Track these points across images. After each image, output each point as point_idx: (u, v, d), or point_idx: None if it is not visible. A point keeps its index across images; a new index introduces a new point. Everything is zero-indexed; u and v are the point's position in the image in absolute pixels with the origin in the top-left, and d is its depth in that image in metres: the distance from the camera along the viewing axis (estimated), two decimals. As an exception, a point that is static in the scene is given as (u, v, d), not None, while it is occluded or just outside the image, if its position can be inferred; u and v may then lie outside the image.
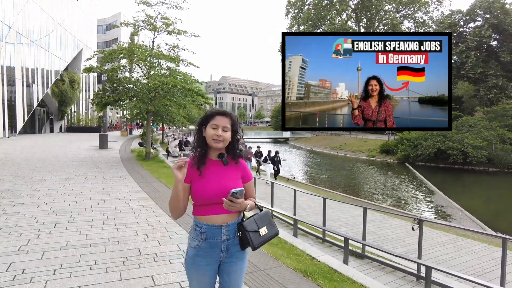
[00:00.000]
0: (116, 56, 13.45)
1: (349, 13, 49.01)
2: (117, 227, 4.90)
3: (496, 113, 30.06)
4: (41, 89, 31.76)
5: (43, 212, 5.56)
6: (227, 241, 1.82)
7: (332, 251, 6.11)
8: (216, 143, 1.80)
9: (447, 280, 4.86)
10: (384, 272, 5.23)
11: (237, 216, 1.87)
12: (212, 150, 1.87)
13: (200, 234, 1.81)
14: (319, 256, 3.96)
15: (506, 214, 15.25)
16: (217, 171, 1.84)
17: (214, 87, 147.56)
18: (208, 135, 1.82)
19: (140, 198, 6.91)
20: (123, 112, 36.15)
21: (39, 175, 9.32)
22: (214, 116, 1.84)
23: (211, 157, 1.87)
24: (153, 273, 3.36)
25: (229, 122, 1.85)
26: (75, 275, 3.25)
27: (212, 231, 1.80)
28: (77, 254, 3.77)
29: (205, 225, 1.80)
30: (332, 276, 3.51)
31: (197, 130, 1.91)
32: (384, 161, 31.21)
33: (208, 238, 1.80)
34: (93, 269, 3.41)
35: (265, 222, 1.86)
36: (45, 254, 3.73)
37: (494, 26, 37.41)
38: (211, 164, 1.85)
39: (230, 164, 1.87)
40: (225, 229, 1.81)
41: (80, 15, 42.24)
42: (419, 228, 4.78)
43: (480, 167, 25.25)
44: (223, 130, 1.81)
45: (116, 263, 3.59)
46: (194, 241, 1.83)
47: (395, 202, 15.97)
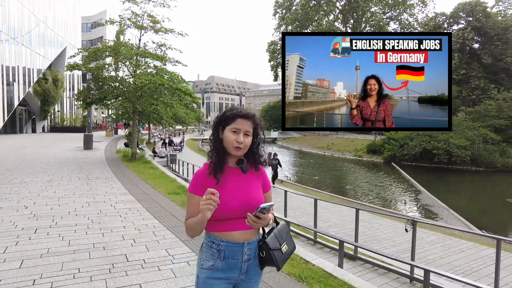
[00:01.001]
0: (101, 54, 13.10)
1: (336, 14, 49.40)
2: (102, 231, 4.69)
3: (479, 113, 30.83)
4: (22, 87, 30.78)
5: (22, 216, 5.28)
6: (247, 261, 1.59)
7: (324, 253, 6.04)
8: (237, 150, 1.57)
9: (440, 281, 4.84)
10: (377, 274, 5.18)
11: (258, 233, 1.65)
12: (230, 156, 1.63)
13: (216, 253, 1.56)
14: (313, 260, 3.86)
15: (489, 212, 15.60)
16: (236, 181, 1.60)
17: (201, 86, 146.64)
18: (228, 140, 1.57)
19: (126, 201, 6.68)
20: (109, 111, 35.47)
21: (19, 177, 8.94)
22: (236, 118, 1.59)
23: (228, 164, 1.63)
24: (141, 281, 3.19)
25: (252, 125, 1.61)
26: (57, 285, 3.05)
27: (232, 249, 1.56)
28: (59, 262, 3.55)
29: (224, 242, 1.56)
30: (327, 280, 3.41)
31: (213, 131, 1.66)
32: (371, 160, 31.57)
33: (226, 258, 1.56)
34: (76, 277, 3.21)
35: (284, 237, 1.66)
36: (24, 263, 3.50)
37: (477, 28, 38.36)
38: (229, 172, 1.61)
39: (250, 171, 1.65)
40: (247, 248, 1.58)
41: (63, 12, 41.21)
42: (413, 229, 4.74)
43: (463, 166, 25.82)
44: (245, 135, 1.58)
45: (102, 270, 3.40)
46: (209, 261, 1.57)
47: (383, 202, 16.10)
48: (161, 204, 6.47)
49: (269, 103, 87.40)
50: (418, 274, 4.65)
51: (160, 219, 5.39)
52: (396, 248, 7.95)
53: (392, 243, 8.31)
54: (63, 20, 41.24)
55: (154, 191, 7.87)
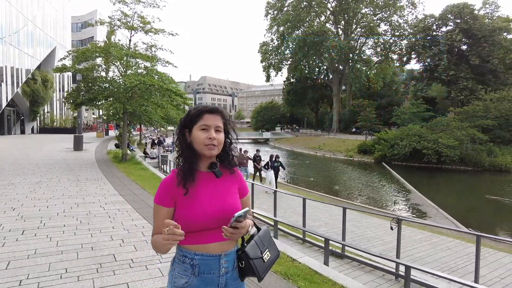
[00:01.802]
0: (90, 54, 13.02)
1: (328, 15, 49.78)
2: (91, 232, 4.69)
3: (467, 114, 31.38)
4: (10, 88, 30.32)
5: (10, 218, 5.24)
6: (225, 274, 1.42)
7: (312, 251, 6.12)
8: (210, 149, 1.40)
9: (425, 278, 4.96)
10: (364, 271, 5.27)
11: (236, 243, 1.49)
12: (201, 160, 1.46)
13: (190, 268, 1.39)
14: (300, 258, 3.93)
15: (476, 211, 15.90)
16: (209, 188, 1.44)
17: (193, 87, 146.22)
18: (198, 140, 1.41)
19: (116, 202, 6.67)
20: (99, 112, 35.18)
21: (7, 179, 8.84)
22: (202, 114, 1.43)
23: (201, 169, 1.46)
24: (129, 280, 3.22)
25: (221, 120, 1.47)
26: (44, 285, 3.06)
27: (207, 262, 1.39)
28: (46, 263, 3.56)
29: (198, 256, 1.39)
30: (313, 277, 3.48)
31: (178, 136, 1.49)
32: (362, 160, 31.85)
33: (201, 273, 1.39)
34: (63, 278, 3.23)
35: (267, 244, 1.50)
36: (10, 264, 3.49)
37: (464, 30, 39.04)
38: (201, 179, 1.44)
39: (224, 175, 1.49)
40: (224, 259, 1.41)
41: (53, 11, 40.73)
42: (398, 227, 4.85)
43: (452, 166, 26.24)
44: (217, 131, 1.43)
45: (89, 270, 3.42)
46: (182, 278, 1.39)
47: (374, 202, 16.28)
48: (150, 205, 6.48)
49: (261, 104, 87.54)
50: (403, 271, 4.76)
51: (149, 220, 5.41)
52: (384, 246, 8.07)
53: (381, 242, 8.43)
54: (53, 19, 40.77)
55: (144, 192, 7.87)
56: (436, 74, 40.54)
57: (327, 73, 57.07)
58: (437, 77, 40.81)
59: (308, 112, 72.03)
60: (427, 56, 41.32)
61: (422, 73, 44.77)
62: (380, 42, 48.65)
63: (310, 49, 46.33)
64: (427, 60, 42.23)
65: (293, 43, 47.97)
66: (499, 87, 36.71)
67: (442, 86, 42.61)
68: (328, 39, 44.17)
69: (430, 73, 42.54)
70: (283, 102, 74.15)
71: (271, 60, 52.32)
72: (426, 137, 27.49)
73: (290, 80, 61.48)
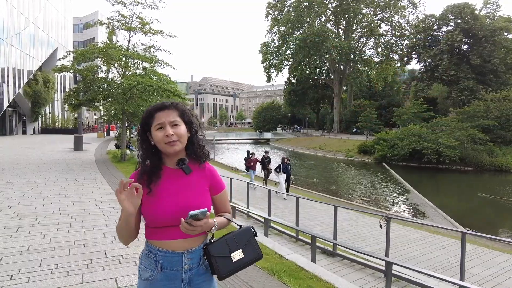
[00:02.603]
0: (90, 55, 13.14)
1: (328, 16, 49.79)
2: (84, 229, 4.78)
3: (468, 114, 31.34)
4: (12, 89, 30.56)
5: (5, 216, 5.34)
6: (189, 271, 1.43)
7: (304, 250, 6.18)
8: (171, 145, 1.39)
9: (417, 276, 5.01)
10: (354, 269, 5.33)
11: (203, 240, 1.48)
12: (168, 157, 1.46)
13: (154, 263, 1.41)
14: (288, 255, 4.00)
15: (476, 211, 15.89)
16: (175, 184, 1.43)
17: (195, 87, 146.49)
18: (157, 140, 1.40)
19: (111, 200, 6.76)
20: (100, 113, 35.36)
21: (6, 178, 8.95)
22: (153, 114, 1.43)
23: (168, 165, 1.46)
24: (117, 275, 3.30)
25: (177, 113, 1.44)
26: (34, 279, 3.14)
27: (169, 259, 1.40)
28: (38, 259, 3.64)
29: (161, 252, 1.40)
30: (299, 274, 3.54)
31: (140, 142, 1.48)
32: (362, 161, 31.84)
33: (164, 268, 1.40)
34: (54, 273, 3.31)
35: (242, 244, 1.45)
36: (3, 260, 3.58)
37: (465, 30, 38.96)
38: (168, 175, 1.44)
39: (194, 171, 1.47)
40: (187, 257, 1.42)
41: (54, 13, 41.00)
42: (387, 225, 4.91)
43: (452, 166, 26.20)
44: (173, 126, 1.41)
45: (79, 266, 3.50)
46: (146, 271, 1.42)
47: (372, 201, 16.30)
48: (145, 204, 6.55)
49: (262, 104, 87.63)
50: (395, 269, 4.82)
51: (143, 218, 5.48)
52: (379, 245, 8.11)
53: (376, 241, 8.47)
54: (54, 20, 41.03)
55: (140, 191, 7.94)
56: (436, 74, 40.48)
57: (328, 74, 57.06)
58: (438, 77, 40.76)
59: (309, 112, 72.04)
60: (427, 56, 41.25)
61: (422, 73, 44.70)
62: (381, 42, 48.60)
63: (311, 49, 46.35)
64: (428, 60, 42.16)
65: (293, 44, 48.01)
66: (500, 87, 36.65)
67: (443, 86, 42.55)
68: (329, 39, 44.18)
69: (430, 73, 42.48)
70: (284, 103, 74.23)
71: (272, 61, 52.34)
72: (426, 137, 27.48)
73: (291, 81, 61.51)
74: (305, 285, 3.26)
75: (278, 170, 13.49)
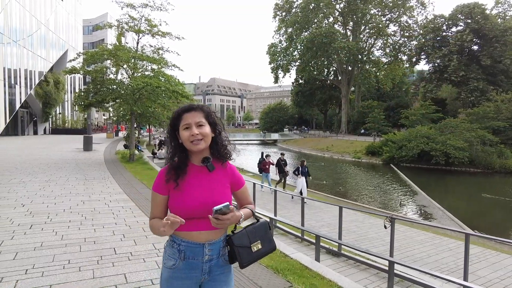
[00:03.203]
0: (99, 57, 13.37)
1: (336, 17, 49.63)
2: (94, 227, 4.91)
3: (477, 115, 30.98)
4: (24, 90, 31.17)
5: (19, 213, 5.52)
6: (209, 262, 1.56)
7: (309, 250, 6.23)
8: (196, 144, 1.52)
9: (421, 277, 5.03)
10: (359, 269, 5.37)
11: (223, 233, 1.61)
12: (194, 155, 1.60)
13: (177, 252, 1.54)
14: (292, 254, 4.07)
15: (485, 213, 15.70)
16: (200, 180, 1.56)
17: (202, 88, 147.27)
18: (183, 139, 1.54)
19: (121, 200, 6.91)
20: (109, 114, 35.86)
21: (18, 177, 9.19)
22: (181, 115, 1.57)
23: (194, 163, 1.60)
24: (126, 271, 3.41)
25: (202, 115, 1.57)
26: (47, 274, 3.27)
27: (192, 249, 1.54)
28: (51, 254, 3.78)
29: (184, 242, 1.54)
30: (303, 272, 3.61)
31: (170, 139, 1.62)
32: (370, 162, 31.66)
33: (187, 258, 1.54)
34: (66, 268, 3.44)
35: (259, 236, 1.60)
36: (18, 255, 3.73)
37: (475, 31, 38.52)
38: (194, 172, 1.58)
39: (216, 168, 1.60)
40: (207, 248, 1.55)
41: (65, 15, 41.69)
42: (391, 226, 4.94)
43: (461, 167, 25.91)
44: (199, 126, 1.54)
45: (90, 262, 3.62)
46: (170, 260, 1.56)
47: (380, 203, 16.24)
48: (153, 203, 6.68)
49: (269, 105, 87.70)
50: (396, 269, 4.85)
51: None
52: (385, 247, 8.09)
53: (382, 242, 8.47)
54: (65, 22, 41.72)
55: (148, 190, 8.08)
56: (445, 75, 40.10)
57: (335, 74, 56.87)
58: (447, 78, 40.37)
59: (316, 113, 71.87)
60: (436, 57, 40.88)
61: (431, 74, 44.26)
62: (389, 43, 48.27)
63: (319, 50, 46.26)
64: (437, 61, 41.79)
65: (301, 45, 47.98)
66: (511, 88, 36.11)
67: (452, 87, 42.09)
68: (337, 40, 44.03)
69: (439, 74, 42.09)
70: (292, 104, 74.18)
71: (280, 62, 52.35)
72: (435, 139, 27.22)
73: (299, 81, 61.44)
74: (309, 283, 3.33)
75: (296, 173, 13.06)
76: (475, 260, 7.58)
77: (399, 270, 5.31)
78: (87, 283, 3.12)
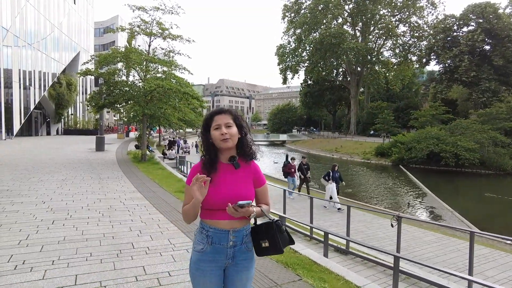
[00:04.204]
0: (112, 59, 13.71)
1: (345, 17, 49.49)
2: (112, 224, 5.16)
3: (489, 116, 30.58)
4: (38, 91, 31.94)
5: (41, 210, 5.80)
6: (233, 247, 1.76)
7: (318, 247, 6.36)
8: (225, 142, 1.71)
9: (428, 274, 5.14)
10: (366, 266, 5.50)
11: (247, 223, 1.80)
12: (223, 153, 1.79)
13: (206, 238, 1.75)
14: (301, 250, 4.23)
15: (497, 216, 15.57)
16: (227, 176, 1.76)
17: (211, 89, 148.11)
18: (214, 137, 1.74)
19: (135, 198, 7.16)
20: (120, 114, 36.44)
21: (37, 176, 9.55)
22: (213, 117, 1.78)
23: (222, 161, 1.79)
24: (145, 264, 3.63)
25: (230, 117, 1.78)
26: (72, 265, 3.51)
27: (218, 235, 1.74)
28: (73, 248, 4.02)
29: (212, 229, 1.75)
30: (311, 267, 3.77)
31: (203, 138, 1.82)
32: (379, 163, 31.54)
33: (213, 243, 1.74)
34: (88, 260, 3.67)
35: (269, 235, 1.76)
36: (44, 247, 3.98)
37: (487, 30, 37.99)
38: (222, 169, 1.77)
39: (242, 167, 1.79)
40: (232, 235, 1.75)
41: (77, 18, 42.53)
42: (398, 224, 5.06)
43: (472, 169, 25.64)
44: (227, 127, 1.74)
45: (111, 255, 3.85)
46: (199, 244, 1.76)
47: (388, 203, 16.24)
48: (166, 201, 6.93)
49: (278, 106, 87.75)
50: (402, 267, 4.97)
51: (165, 214, 5.84)
52: (393, 246, 8.17)
53: (390, 242, 8.55)
54: (77, 25, 42.56)
55: (161, 189, 8.34)
56: (456, 76, 39.58)
57: (344, 75, 56.69)
58: (458, 79, 39.86)
59: (325, 114, 71.68)
60: (447, 57, 40.40)
61: (441, 75, 43.77)
62: (399, 44, 47.93)
63: (327, 51, 46.20)
64: (447, 61, 41.29)
65: (310, 45, 47.98)
66: (524, 89, 35.54)
67: (463, 87, 41.57)
68: (345, 41, 43.91)
69: (450, 74, 41.57)
70: (300, 104, 74.11)
71: (288, 63, 52.42)
72: (445, 140, 26.99)
73: (307, 82, 61.39)
74: (317, 276, 3.49)
75: (327, 178, 12.00)
76: (484, 261, 7.62)
77: (405, 268, 5.42)
78: (110, 274, 3.34)
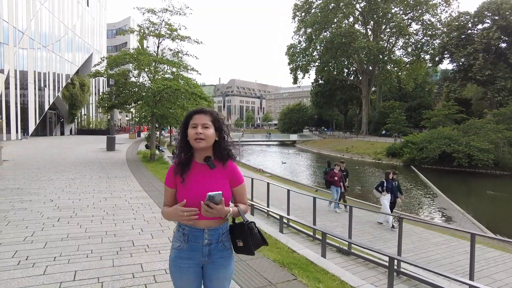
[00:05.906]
0: (121, 61, 13.94)
1: (356, 16, 48.98)
2: (115, 222, 5.27)
3: (504, 115, 29.83)
4: (52, 92, 32.69)
5: (48, 208, 5.97)
6: (208, 245, 1.77)
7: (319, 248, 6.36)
8: (197, 142, 1.71)
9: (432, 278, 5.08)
10: (367, 267, 5.47)
11: (222, 222, 1.81)
12: (198, 153, 1.79)
13: (182, 236, 1.78)
14: (299, 250, 4.24)
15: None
16: (202, 176, 1.77)
17: (222, 90, 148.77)
18: (189, 135, 1.74)
19: (140, 197, 7.28)
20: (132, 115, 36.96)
21: (47, 175, 9.80)
22: (192, 115, 1.78)
23: (197, 160, 1.80)
24: (143, 261, 3.70)
25: (209, 119, 1.77)
26: (73, 261, 3.61)
27: (193, 234, 1.76)
28: (76, 245, 4.13)
29: (187, 227, 1.77)
30: (308, 267, 3.78)
31: (181, 134, 1.83)
32: (390, 163, 31.11)
33: (189, 241, 1.77)
34: (89, 257, 3.77)
35: (242, 236, 1.78)
36: (47, 244, 4.10)
37: (503, 27, 37.06)
38: (196, 168, 1.78)
39: (217, 167, 1.79)
40: (207, 233, 1.76)
41: (90, 20, 43.33)
42: (399, 225, 5.01)
43: (486, 170, 25.05)
44: (204, 127, 1.73)
45: (111, 252, 3.94)
46: (177, 242, 1.80)
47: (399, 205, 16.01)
48: (171, 200, 7.00)
49: (288, 106, 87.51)
50: (404, 268, 4.93)
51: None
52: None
53: (395, 243, 8.44)
54: (90, 27, 43.36)
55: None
56: (470, 74, 38.70)
57: (356, 74, 56.13)
58: (472, 77, 38.99)
59: (336, 114, 71.11)
60: (461, 56, 39.55)
61: (455, 74, 42.86)
62: (411, 42, 47.18)
63: (338, 50, 45.84)
64: (461, 60, 40.41)
65: (320, 45, 47.68)
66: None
67: (477, 86, 40.66)
68: (357, 40, 43.46)
69: (464, 73, 40.70)
70: (311, 104, 73.71)
71: (299, 62, 52.17)
72: (457, 140, 26.43)
73: (318, 82, 60.95)
74: (313, 277, 3.49)
75: (381, 189, 10.06)
76: (493, 264, 7.48)
77: (408, 270, 5.36)
78: (107, 271, 3.43)
